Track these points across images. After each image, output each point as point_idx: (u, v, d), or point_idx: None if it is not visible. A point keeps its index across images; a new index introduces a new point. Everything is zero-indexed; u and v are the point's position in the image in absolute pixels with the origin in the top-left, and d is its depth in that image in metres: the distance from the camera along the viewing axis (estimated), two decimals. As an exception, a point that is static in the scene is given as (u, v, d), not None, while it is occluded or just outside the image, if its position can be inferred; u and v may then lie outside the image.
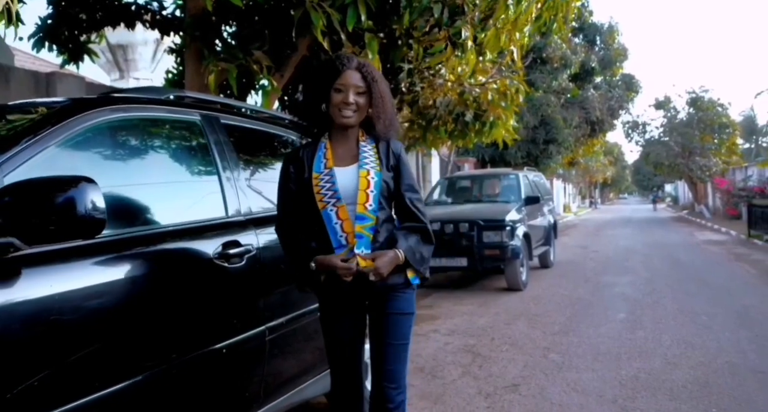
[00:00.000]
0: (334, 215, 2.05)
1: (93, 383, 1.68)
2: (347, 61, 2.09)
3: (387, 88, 2.19)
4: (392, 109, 2.20)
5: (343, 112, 2.07)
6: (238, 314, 2.27)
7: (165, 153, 2.38)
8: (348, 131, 2.15)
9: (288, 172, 2.16)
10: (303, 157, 2.14)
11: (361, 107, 2.10)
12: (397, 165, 2.17)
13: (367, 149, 2.15)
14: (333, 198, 2.05)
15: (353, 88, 2.06)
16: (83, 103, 2.05)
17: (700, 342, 5.03)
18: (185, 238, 2.14)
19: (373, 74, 2.11)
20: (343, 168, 2.10)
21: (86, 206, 1.51)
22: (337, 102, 2.07)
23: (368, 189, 2.06)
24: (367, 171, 2.08)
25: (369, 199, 2.06)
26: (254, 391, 2.41)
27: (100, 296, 1.75)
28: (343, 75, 2.06)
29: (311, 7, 4.58)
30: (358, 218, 2.05)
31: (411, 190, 2.20)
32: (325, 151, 2.12)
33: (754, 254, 12.27)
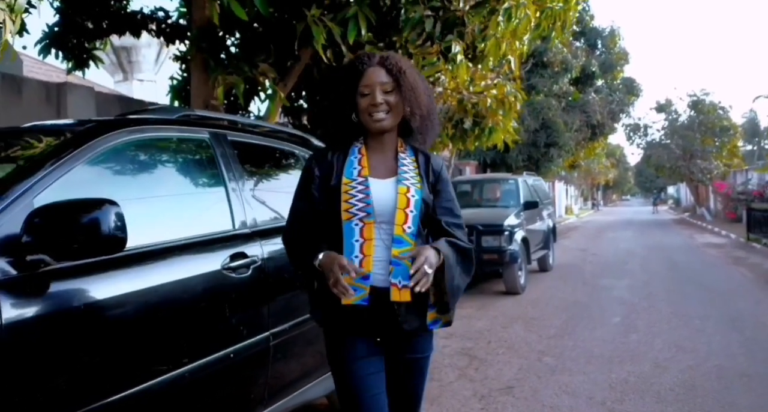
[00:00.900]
0: (357, 231, 1.78)
1: (114, 386, 1.84)
2: (368, 59, 1.84)
3: (420, 79, 1.88)
4: (429, 102, 1.90)
5: (375, 116, 1.80)
6: (245, 321, 2.43)
7: (177, 170, 2.55)
8: (385, 138, 1.87)
9: (312, 174, 1.87)
10: (333, 160, 1.86)
11: (394, 106, 1.81)
12: (435, 184, 1.90)
13: (407, 162, 1.88)
14: (362, 211, 1.77)
15: (379, 86, 1.79)
16: (102, 126, 2.21)
17: (691, 346, 5.17)
18: (196, 250, 2.30)
19: (399, 65, 1.82)
20: (379, 180, 1.83)
21: (110, 226, 1.67)
22: (365, 106, 1.80)
23: (407, 208, 1.79)
24: (407, 188, 1.81)
25: (408, 221, 1.78)
26: (259, 393, 2.56)
27: (121, 305, 1.92)
28: (366, 75, 1.81)
29: (312, 21, 4.74)
30: (396, 242, 1.76)
31: (450, 214, 1.91)
32: (359, 157, 1.85)
33: (752, 258, 12.40)
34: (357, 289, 1.73)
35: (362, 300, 1.75)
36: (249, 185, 2.75)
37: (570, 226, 26.89)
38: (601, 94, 20.44)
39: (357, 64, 1.84)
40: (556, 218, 34.10)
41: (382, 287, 1.77)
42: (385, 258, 1.77)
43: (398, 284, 1.75)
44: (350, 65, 1.88)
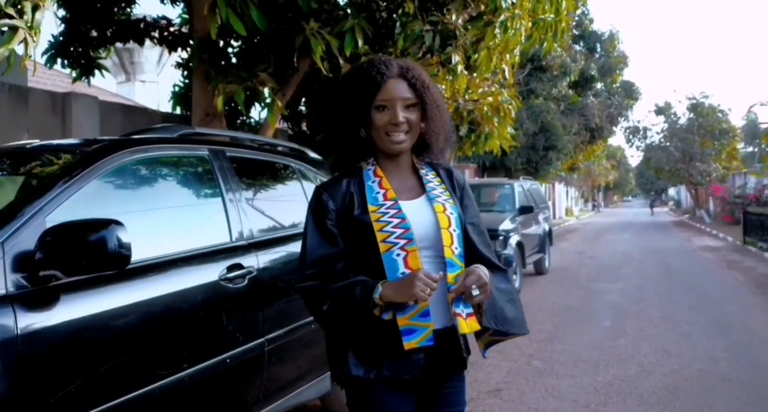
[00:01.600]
0: (400, 263, 1.53)
1: (118, 389, 2.00)
2: (387, 68, 1.59)
3: (440, 95, 1.70)
4: (448, 122, 1.71)
5: (393, 137, 1.58)
6: (241, 328, 2.58)
7: (179, 186, 2.71)
8: (400, 157, 1.66)
9: (325, 209, 1.60)
10: (348, 188, 1.62)
11: (414, 125, 1.60)
12: (462, 199, 1.72)
13: (431, 178, 1.69)
14: (403, 238, 1.53)
15: (401, 102, 1.57)
16: (109, 147, 2.37)
17: (677, 350, 5.32)
18: (195, 262, 2.46)
19: (423, 79, 1.62)
20: (407, 201, 1.61)
21: (115, 244, 1.83)
22: (383, 124, 1.57)
23: (450, 228, 1.59)
24: (442, 206, 1.62)
25: (454, 241, 1.59)
26: (255, 395, 2.72)
27: (125, 315, 2.08)
28: (385, 87, 1.57)
29: (311, 34, 4.90)
30: (449, 266, 1.55)
31: (478, 232, 1.71)
32: (377, 180, 1.62)
33: (747, 261, 12.54)
34: (417, 329, 1.52)
35: (427, 340, 1.52)
36: (246, 199, 2.91)
37: (569, 228, 27.03)
38: (599, 98, 20.60)
39: (374, 74, 1.57)
40: (556, 219, 34.27)
41: (444, 327, 1.57)
42: (439, 290, 1.50)
43: (462, 314, 1.51)
44: (364, 73, 1.59)
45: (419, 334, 1.52)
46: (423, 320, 1.52)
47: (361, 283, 1.52)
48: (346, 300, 1.52)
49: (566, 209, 40.84)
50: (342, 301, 1.53)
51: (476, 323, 1.54)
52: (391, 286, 1.49)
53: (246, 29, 4.95)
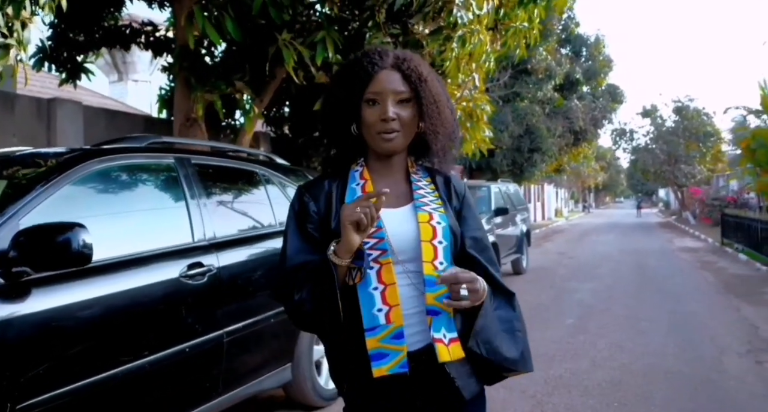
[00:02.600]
0: (373, 276, 1.38)
1: (83, 372, 2.28)
2: (380, 58, 1.44)
3: (441, 87, 1.51)
4: (452, 118, 1.53)
5: (384, 135, 1.42)
6: (200, 320, 2.86)
7: (145, 191, 2.98)
8: (393, 159, 1.51)
9: (306, 211, 1.46)
10: (331, 190, 1.48)
11: (407, 122, 1.43)
12: (461, 210, 1.54)
13: (423, 185, 1.52)
14: (377, 250, 1.38)
15: (392, 95, 1.41)
16: (82, 155, 2.65)
17: (631, 346, 5.62)
18: (158, 261, 2.73)
19: (419, 70, 1.45)
20: (391, 209, 1.44)
21: (78, 245, 2.10)
22: (373, 120, 1.41)
23: (434, 240, 1.41)
24: (428, 214, 1.45)
25: (438, 255, 1.40)
26: (214, 382, 2.99)
27: (90, 307, 2.35)
28: (376, 79, 1.41)
29: (283, 45, 5.18)
30: (429, 284, 1.38)
31: (480, 248, 1.52)
32: (362, 183, 1.48)
33: (721, 262, 12.88)
34: (389, 352, 1.35)
35: (399, 366, 1.34)
36: (209, 202, 3.18)
37: (556, 229, 27.38)
38: (584, 101, 20.93)
39: (365, 63, 1.43)
40: (545, 220, 34.55)
41: (420, 348, 1.39)
42: (418, 308, 1.38)
43: (443, 339, 1.35)
44: (356, 64, 1.46)
45: (391, 359, 1.34)
46: (395, 342, 1.34)
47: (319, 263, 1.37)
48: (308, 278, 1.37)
49: (556, 209, 41.24)
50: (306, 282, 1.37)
51: (460, 349, 1.35)
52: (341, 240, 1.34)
53: (222, 39, 5.22)
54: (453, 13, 4.82)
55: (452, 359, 1.36)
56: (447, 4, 4.84)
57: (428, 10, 5.03)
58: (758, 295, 8.55)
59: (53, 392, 2.14)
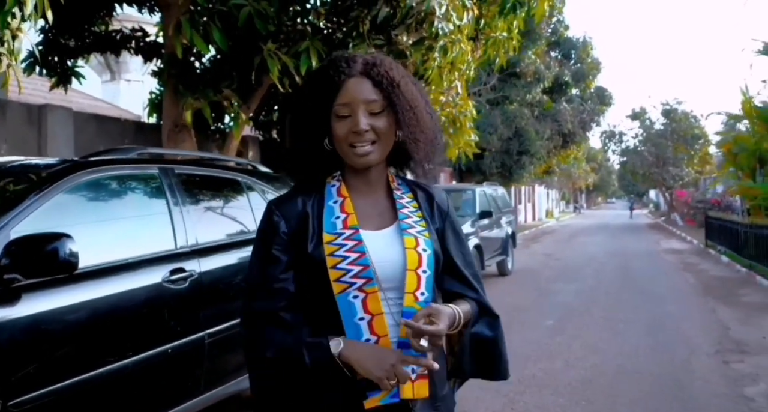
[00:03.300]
0: (358, 306, 1.29)
1: (70, 371, 2.43)
2: (347, 66, 1.32)
3: (418, 90, 1.40)
4: (433, 122, 1.41)
5: (358, 149, 1.30)
6: (182, 323, 3.02)
7: (131, 201, 3.14)
8: (371, 173, 1.38)
9: (275, 231, 1.33)
10: (306, 209, 1.35)
11: (383, 132, 1.31)
12: (444, 229, 1.44)
13: (406, 202, 1.41)
14: (361, 278, 1.28)
15: (363, 105, 1.29)
16: (71, 167, 2.80)
17: (605, 347, 5.82)
18: (142, 267, 2.89)
19: (390, 75, 1.33)
20: (372, 232, 1.34)
21: (65, 254, 2.26)
22: (344, 134, 1.30)
23: (419, 269, 1.32)
24: (414, 239, 1.34)
25: (421, 285, 1.31)
26: (196, 381, 3.15)
27: (77, 311, 2.51)
28: (344, 89, 1.30)
29: (268, 55, 5.34)
30: (405, 315, 1.28)
31: (465, 263, 1.45)
32: (340, 201, 1.36)
33: (703, 264, 13.13)
34: None
35: (391, 397, 1.28)
36: (191, 210, 3.34)
37: (546, 230, 27.63)
38: (572, 104, 21.18)
39: (331, 72, 1.32)
40: (535, 221, 34.78)
41: None
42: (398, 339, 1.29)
43: (411, 375, 1.27)
44: (323, 73, 1.35)
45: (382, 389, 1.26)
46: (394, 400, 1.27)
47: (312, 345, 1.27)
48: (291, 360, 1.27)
49: (546, 210, 41.54)
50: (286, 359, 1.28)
51: (426, 388, 1.29)
52: (355, 348, 1.25)
53: (209, 48, 5.38)
54: (434, 24, 4.99)
55: (415, 397, 1.28)
56: (428, 15, 5.01)
57: (411, 22, 5.20)
58: (735, 297, 8.78)
59: (42, 389, 2.30)
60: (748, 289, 9.46)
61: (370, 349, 1.26)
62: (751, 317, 7.20)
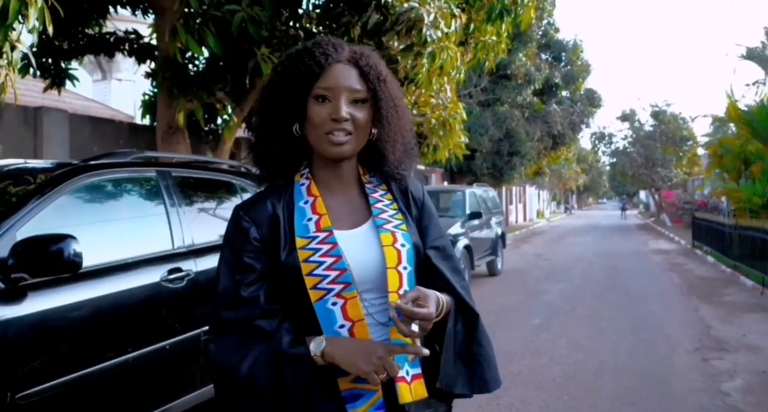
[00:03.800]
0: (338, 313, 1.23)
1: (74, 366, 2.56)
2: (334, 50, 1.25)
3: (399, 91, 1.35)
4: (409, 126, 1.38)
5: (333, 137, 1.23)
6: (179, 320, 3.14)
7: (129, 203, 3.27)
8: (342, 167, 1.32)
9: (245, 237, 1.27)
10: (276, 212, 1.29)
11: (361, 125, 1.26)
12: (421, 219, 1.37)
13: (379, 196, 1.35)
14: (338, 283, 1.22)
15: (346, 92, 1.23)
16: (72, 171, 2.92)
17: (588, 344, 5.98)
18: (141, 266, 3.02)
19: (378, 68, 1.28)
20: (347, 232, 1.29)
21: (70, 254, 2.39)
22: (321, 119, 1.23)
23: (400, 266, 1.26)
24: (392, 235, 1.28)
25: (403, 283, 1.25)
26: (192, 376, 3.28)
27: (80, 308, 2.63)
28: (329, 72, 1.23)
29: (262, 59, 5.47)
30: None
31: (443, 256, 1.36)
32: (310, 201, 1.29)
33: (689, 265, 13.35)
34: (363, 392, 1.22)
35: (375, 408, 1.22)
36: (188, 212, 3.47)
37: (537, 230, 27.85)
38: (562, 106, 21.40)
39: (317, 54, 1.24)
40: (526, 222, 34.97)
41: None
42: (382, 338, 1.24)
43: (406, 377, 1.22)
44: (306, 53, 1.26)
45: (366, 399, 1.22)
46: (366, 382, 1.20)
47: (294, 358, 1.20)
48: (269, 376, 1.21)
49: (537, 211, 41.81)
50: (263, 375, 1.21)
51: (424, 387, 1.23)
52: (338, 344, 1.20)
53: (204, 52, 5.49)
54: (422, 31, 5.14)
55: (414, 400, 1.22)
56: (417, 22, 5.15)
57: (400, 28, 5.34)
58: (718, 296, 8.98)
59: (48, 383, 2.42)
60: (731, 289, 9.67)
61: (354, 343, 1.21)
62: (732, 316, 7.39)
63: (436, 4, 5.23)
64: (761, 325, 6.87)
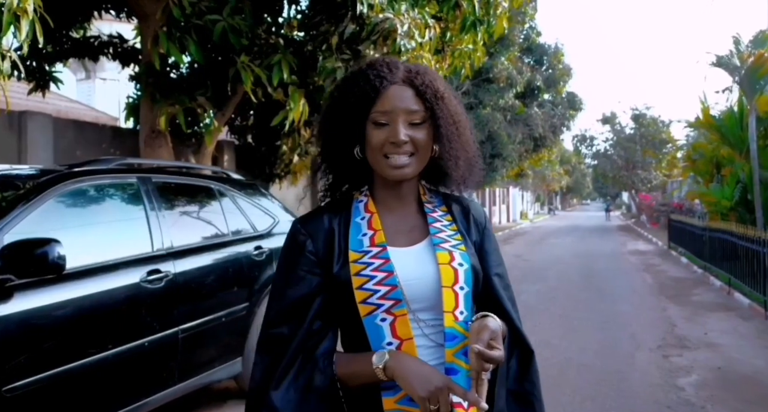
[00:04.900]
0: (386, 330, 1.21)
1: (57, 361, 2.74)
2: (389, 71, 1.25)
3: (460, 105, 1.34)
4: (472, 142, 1.36)
5: (393, 160, 1.23)
6: (158, 319, 3.32)
7: (111, 208, 3.45)
8: (402, 186, 1.31)
9: (301, 251, 1.27)
10: (332, 227, 1.29)
11: (422, 146, 1.24)
12: (482, 243, 1.35)
13: (438, 216, 1.33)
14: (388, 299, 1.20)
15: (404, 115, 1.22)
16: (57, 177, 3.10)
17: (557, 342, 6.22)
18: (122, 268, 3.20)
19: (435, 85, 1.27)
20: (402, 249, 1.27)
21: (54, 257, 2.57)
22: (380, 142, 1.23)
23: (456, 285, 1.23)
24: (449, 254, 1.26)
25: (459, 304, 1.22)
26: (170, 373, 3.46)
27: (63, 307, 2.81)
28: (385, 96, 1.23)
29: (242, 67, 5.65)
30: (448, 338, 1.21)
31: (504, 285, 1.35)
32: (367, 217, 1.29)
33: (663, 265, 13.69)
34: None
35: None
36: (167, 216, 3.65)
37: (519, 231, 28.21)
38: (544, 109, 21.75)
39: (371, 77, 1.24)
40: (510, 223, 35.28)
41: None
42: (435, 361, 1.21)
43: (463, 403, 1.17)
44: (362, 77, 1.26)
45: None
46: (414, 405, 1.16)
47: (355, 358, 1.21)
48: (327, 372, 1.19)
49: (521, 212, 42.26)
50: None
51: None
52: (403, 360, 1.17)
53: (185, 59, 5.66)
54: (397, 41, 5.34)
55: None
56: (391, 32, 5.36)
57: (376, 38, 5.55)
58: (687, 296, 9.28)
59: (33, 377, 2.60)
60: (700, 289, 9.99)
61: (419, 365, 1.16)
62: (697, 315, 7.68)
63: (411, 15, 5.44)
64: (723, 323, 7.17)
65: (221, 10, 5.47)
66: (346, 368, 1.20)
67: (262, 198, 4.74)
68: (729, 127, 10.62)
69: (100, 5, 7.50)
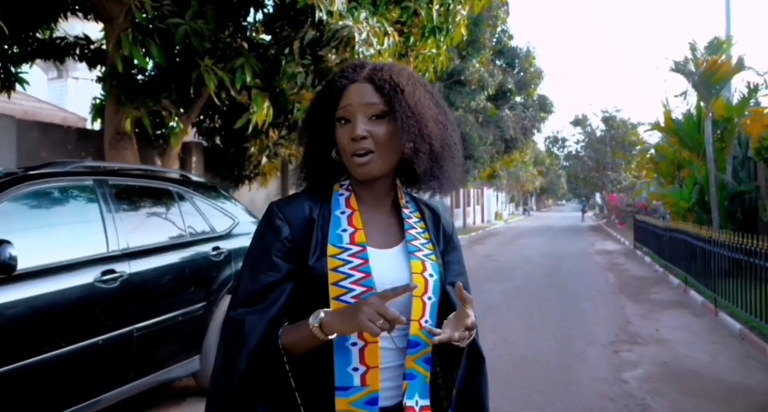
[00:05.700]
0: None
1: (9, 359, 2.82)
2: (353, 71, 1.28)
3: (429, 97, 1.31)
4: (443, 132, 1.31)
5: (355, 158, 1.24)
6: (112, 318, 3.41)
7: (68, 209, 3.52)
8: (376, 186, 1.31)
9: (277, 235, 1.26)
10: (312, 216, 1.28)
11: (382, 140, 1.23)
12: (445, 253, 1.39)
13: (413, 222, 1.34)
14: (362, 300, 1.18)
15: (362, 109, 1.23)
16: (12, 180, 3.18)
17: (515, 340, 6.42)
18: (76, 268, 3.28)
19: (395, 79, 1.26)
20: (379, 250, 1.27)
21: (5, 257, 2.66)
22: (345, 141, 1.24)
23: (425, 295, 1.26)
24: (422, 264, 1.28)
25: (425, 313, 1.25)
26: (125, 370, 3.56)
27: (16, 306, 2.89)
28: (346, 93, 1.25)
29: (205, 70, 5.73)
30: (412, 345, 1.24)
31: None
32: (348, 214, 1.29)
33: (627, 264, 14.04)
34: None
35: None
36: (123, 218, 3.74)
37: (492, 232, 28.54)
38: (515, 111, 22.08)
39: (337, 79, 1.28)
40: (484, 223, 35.62)
41: (391, 406, 1.24)
42: (394, 363, 1.24)
43: (415, 407, 1.22)
44: (330, 81, 1.31)
45: None
46: (368, 407, 1.19)
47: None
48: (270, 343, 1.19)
49: (496, 212, 42.69)
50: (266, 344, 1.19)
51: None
52: (335, 313, 1.16)
53: (149, 62, 5.72)
54: (355, 48, 5.48)
55: None
56: (350, 40, 5.49)
57: (335, 44, 5.67)
58: (645, 294, 9.57)
59: (-17, 374, 2.69)
60: (659, 287, 10.30)
61: (346, 307, 1.18)
62: (652, 312, 7.95)
63: (370, 23, 5.57)
64: (676, 320, 7.45)
65: (184, 14, 5.55)
66: (289, 337, 1.19)
67: (222, 200, 4.85)
68: (687, 131, 10.96)
69: (66, 7, 7.52)
